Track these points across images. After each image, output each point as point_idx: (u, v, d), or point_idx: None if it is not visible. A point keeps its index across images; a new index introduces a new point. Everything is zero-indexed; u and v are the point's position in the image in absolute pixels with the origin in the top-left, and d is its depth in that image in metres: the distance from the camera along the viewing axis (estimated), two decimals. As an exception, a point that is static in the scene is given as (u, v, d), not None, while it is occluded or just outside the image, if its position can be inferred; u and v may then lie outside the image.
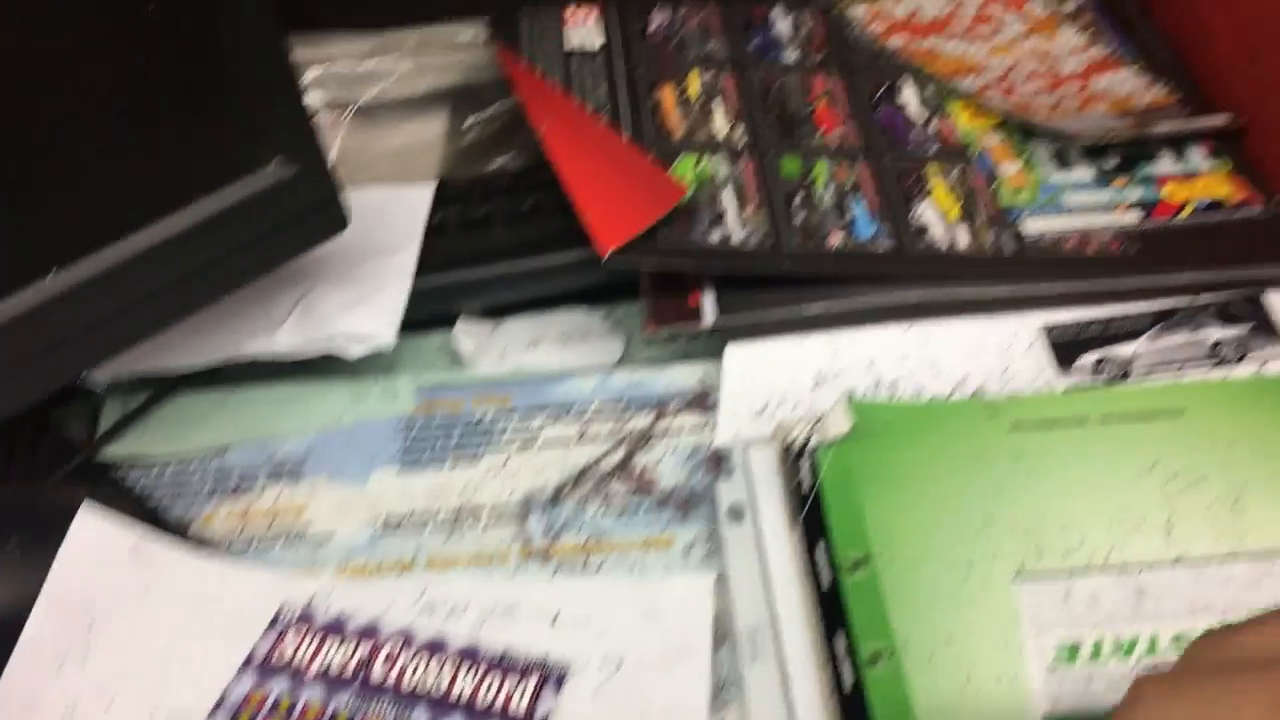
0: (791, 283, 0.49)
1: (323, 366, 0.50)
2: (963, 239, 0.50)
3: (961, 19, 0.61)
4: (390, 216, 0.53)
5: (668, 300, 0.49)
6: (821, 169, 0.53)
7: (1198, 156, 0.54)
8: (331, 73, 0.60)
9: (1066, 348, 0.48)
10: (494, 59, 0.59)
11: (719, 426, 0.47)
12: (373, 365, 0.51)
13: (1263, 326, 0.48)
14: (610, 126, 0.54)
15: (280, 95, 0.42)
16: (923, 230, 0.50)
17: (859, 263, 0.49)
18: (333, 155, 0.57)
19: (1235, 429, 0.44)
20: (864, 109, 0.56)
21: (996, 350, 0.49)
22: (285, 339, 0.49)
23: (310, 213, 0.45)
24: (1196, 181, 0.52)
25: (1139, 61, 0.59)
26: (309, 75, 0.59)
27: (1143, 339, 0.48)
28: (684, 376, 0.50)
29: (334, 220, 0.46)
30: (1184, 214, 0.51)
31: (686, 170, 0.52)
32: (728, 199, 0.51)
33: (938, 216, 0.50)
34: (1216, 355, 0.47)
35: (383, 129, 0.59)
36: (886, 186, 0.52)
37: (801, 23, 0.61)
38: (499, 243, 0.53)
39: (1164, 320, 0.48)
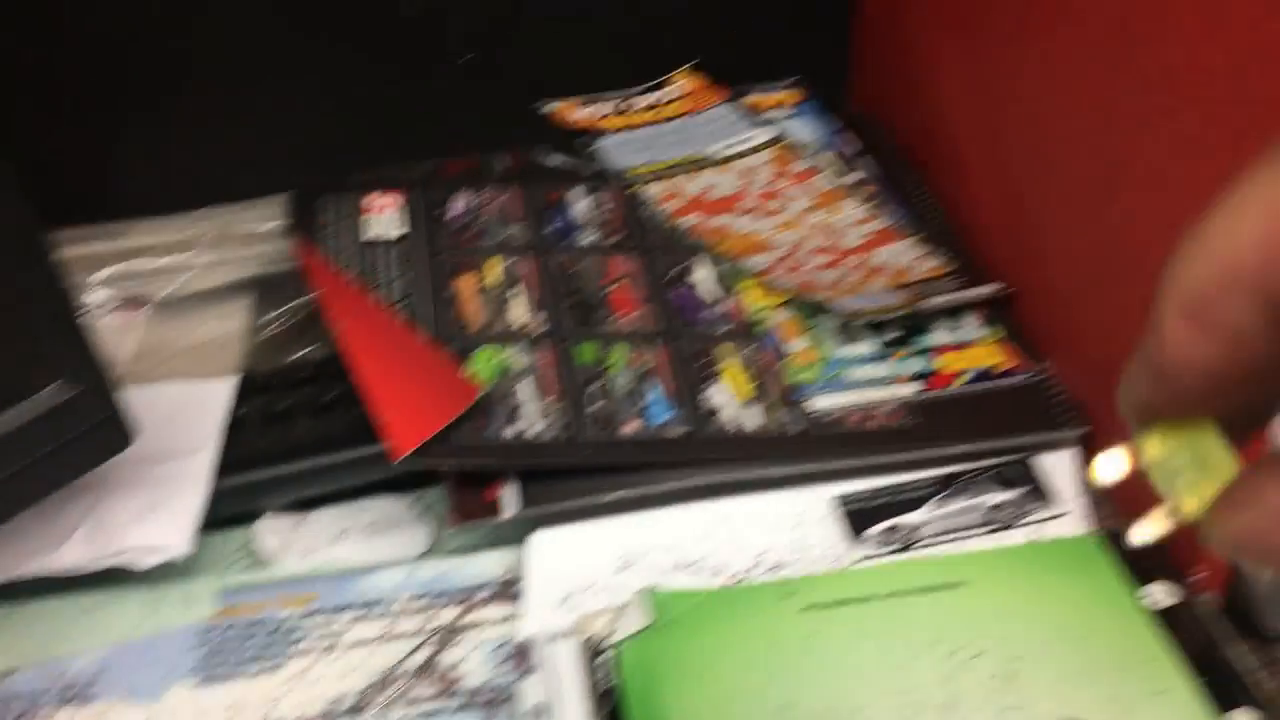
0: (591, 470, 0.50)
1: (118, 573, 0.49)
2: (753, 420, 0.52)
3: (751, 195, 0.64)
4: (188, 414, 0.53)
5: (470, 493, 0.50)
6: (618, 354, 0.54)
7: (971, 325, 0.57)
8: (129, 269, 0.59)
9: (858, 516, 0.51)
10: (293, 250, 0.59)
11: (524, 619, 0.47)
12: (170, 569, 0.49)
13: (1036, 490, 0.51)
14: (408, 322, 0.54)
15: (58, 320, 0.42)
16: (714, 412, 0.52)
17: (654, 450, 0.50)
18: (130, 353, 0.56)
19: (1012, 598, 0.46)
20: (659, 290, 0.58)
21: (793, 523, 0.50)
22: (71, 555, 0.47)
23: (93, 432, 0.44)
24: (970, 350, 0.56)
25: (918, 232, 0.62)
26: (105, 272, 0.59)
27: (927, 506, 0.51)
28: (491, 565, 0.50)
29: (118, 438, 0.45)
30: (957, 384, 0.54)
31: (484, 364, 0.53)
32: (525, 391, 0.52)
33: (729, 397, 0.52)
34: (995, 520, 0.50)
35: (183, 323, 0.58)
36: (681, 369, 0.54)
37: (601, 202, 0.63)
38: (302, 437, 0.52)
39: (946, 487, 0.51)
